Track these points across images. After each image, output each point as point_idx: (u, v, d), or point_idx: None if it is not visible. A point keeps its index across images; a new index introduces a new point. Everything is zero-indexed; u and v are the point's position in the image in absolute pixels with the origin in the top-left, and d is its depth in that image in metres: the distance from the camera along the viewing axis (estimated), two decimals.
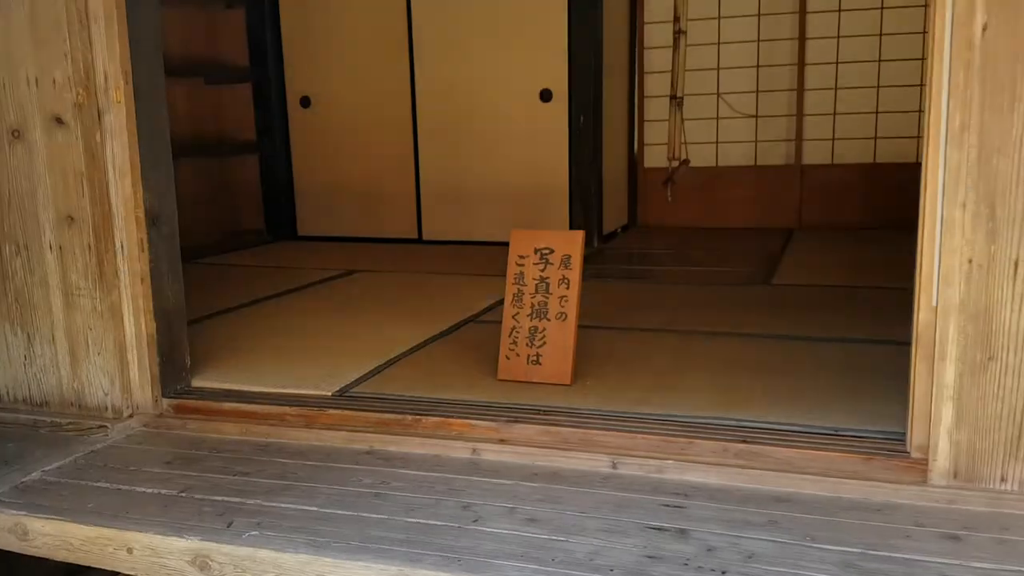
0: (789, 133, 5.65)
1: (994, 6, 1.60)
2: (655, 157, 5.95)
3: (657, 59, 5.80)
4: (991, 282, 1.68)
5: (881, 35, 5.34)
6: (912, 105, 5.36)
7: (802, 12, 5.45)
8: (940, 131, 1.71)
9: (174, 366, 2.46)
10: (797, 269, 4.11)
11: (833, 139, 5.59)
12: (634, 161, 5.92)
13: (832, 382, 2.40)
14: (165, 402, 2.40)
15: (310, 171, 5.76)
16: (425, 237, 5.50)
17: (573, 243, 2.48)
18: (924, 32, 5.20)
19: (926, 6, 1.66)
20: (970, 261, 1.69)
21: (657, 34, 5.78)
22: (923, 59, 5.24)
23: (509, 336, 2.51)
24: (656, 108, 5.88)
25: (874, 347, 2.74)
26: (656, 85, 5.84)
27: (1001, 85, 1.62)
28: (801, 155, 5.64)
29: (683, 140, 5.19)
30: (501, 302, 3.55)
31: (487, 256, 4.89)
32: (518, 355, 2.50)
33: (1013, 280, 1.66)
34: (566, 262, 2.47)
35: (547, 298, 2.48)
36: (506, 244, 2.58)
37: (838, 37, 5.43)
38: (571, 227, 5.14)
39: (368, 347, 2.92)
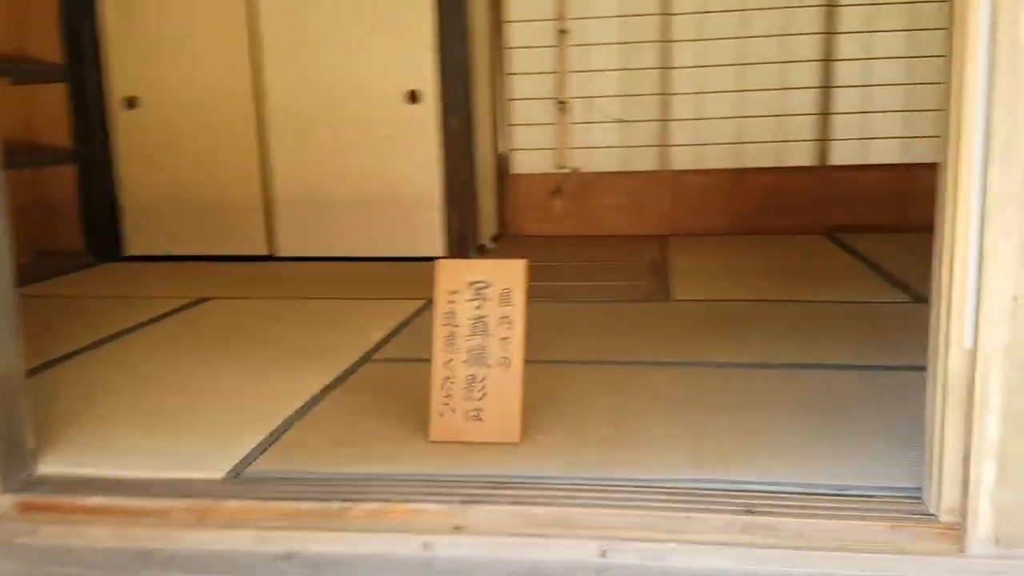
0: (657, 139, 5.54)
1: None
2: (523, 163, 5.69)
3: (521, 59, 5.54)
4: None
5: (745, 38, 5.32)
6: (776, 109, 5.38)
7: (666, 14, 5.35)
8: (975, 148, 1.50)
9: (14, 449, 1.90)
10: (691, 282, 3.95)
11: (700, 144, 5.53)
12: (502, 167, 5.62)
13: (810, 420, 2.18)
14: (5, 500, 1.84)
15: (138, 181, 5.06)
16: (279, 253, 4.95)
17: (514, 274, 2.12)
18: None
19: (951, 6, 1.43)
20: (1015, 298, 1.48)
21: (521, 33, 5.50)
22: (793, 62, 5.28)
23: (442, 388, 2.12)
24: (522, 111, 5.61)
25: (835, 374, 2.57)
26: (522, 87, 5.58)
27: None
28: (669, 161, 5.54)
29: (574, 147, 4.89)
30: (396, 332, 3.21)
31: (357, 274, 4.44)
32: (454, 410, 2.11)
33: None
34: (507, 297, 2.11)
35: (486, 340, 2.12)
36: (376, 259, 2.18)
37: (702, 39, 5.36)
38: (447, 238, 4.77)
39: (255, 402, 2.44)
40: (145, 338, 3.26)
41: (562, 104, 4.44)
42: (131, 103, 4.93)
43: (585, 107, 5.45)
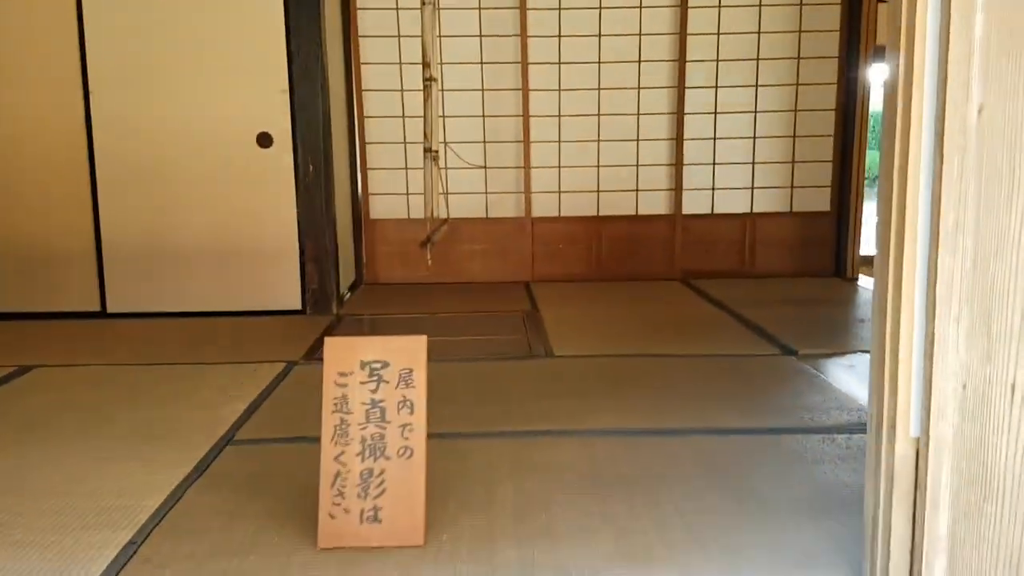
0: (518, 185, 5.47)
1: (992, 82, 1.36)
2: (380, 208, 5.46)
3: (376, 103, 5.33)
4: (988, 411, 1.43)
5: (599, 89, 5.36)
6: (630, 160, 5.45)
7: (524, 63, 5.31)
8: (920, 233, 1.44)
9: None
10: (568, 336, 3.85)
11: (559, 192, 5.50)
12: (358, 213, 5.37)
13: (728, 501, 2.08)
14: None
15: None
16: (111, 309, 4.47)
17: (413, 352, 1.90)
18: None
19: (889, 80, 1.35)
20: (964, 387, 1.43)
21: (375, 76, 5.31)
22: (640, 114, 5.36)
23: (332, 485, 1.86)
24: (378, 155, 5.40)
25: (733, 440, 2.49)
26: (377, 130, 5.37)
27: (999, 175, 1.38)
28: (531, 208, 5.47)
29: (443, 192, 4.69)
30: (258, 404, 2.88)
31: (204, 332, 4.06)
32: (347, 511, 1.86)
33: (1011, 407, 1.43)
34: (406, 378, 1.89)
35: (383, 429, 1.88)
36: (225, 314, 1.93)
37: (561, 89, 5.36)
38: (304, 291, 4.46)
39: (100, 502, 2.08)
40: None
41: (432, 152, 4.25)
42: None
43: (444, 153, 5.30)
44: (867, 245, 6.19)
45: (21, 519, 2.01)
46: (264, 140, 4.35)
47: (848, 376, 3.18)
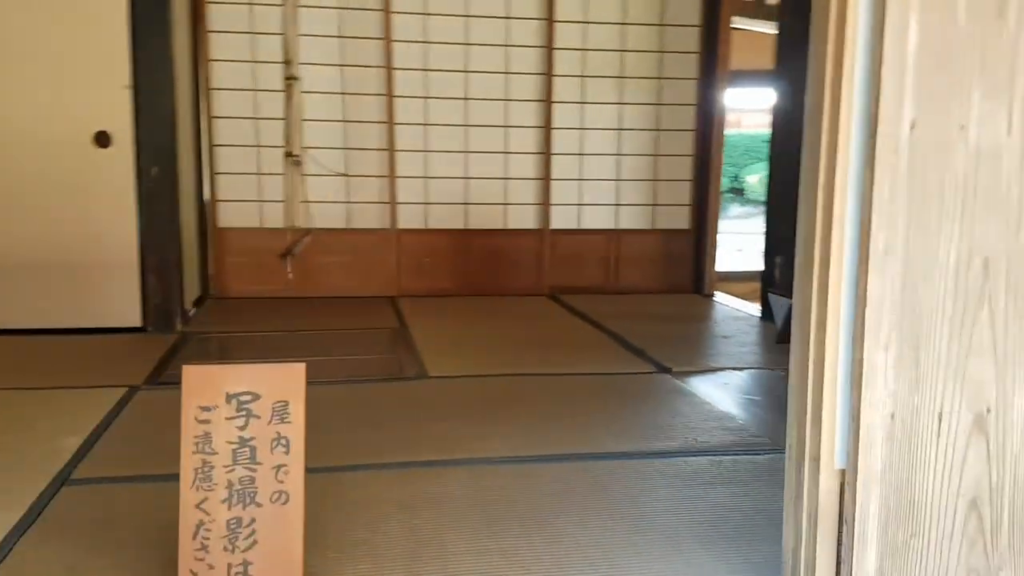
0: (382, 195, 5.25)
1: (924, 99, 1.31)
2: (230, 216, 5.10)
3: (226, 103, 4.98)
4: (915, 441, 1.38)
5: (466, 99, 5.24)
6: (499, 172, 5.35)
7: (389, 68, 5.11)
8: (847, 257, 1.38)
9: None
10: (442, 354, 3.67)
11: (426, 203, 5.33)
12: (204, 221, 4.99)
13: (631, 534, 1.97)
14: None
15: None
16: None
17: (290, 382, 1.68)
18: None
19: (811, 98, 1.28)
20: (892, 416, 1.37)
21: (225, 74, 4.96)
22: (508, 126, 5.28)
23: (194, 537, 1.61)
24: (228, 159, 5.04)
25: (623, 465, 2.39)
26: (227, 132, 5.02)
27: (928, 196, 1.33)
28: (396, 219, 5.27)
29: (305, 201, 4.40)
30: (97, 436, 2.53)
31: (33, 353, 3.61)
32: (211, 567, 1.61)
33: (937, 437, 1.38)
34: (281, 412, 1.67)
35: (254, 472, 1.65)
36: (55, 332, 1.69)
37: (428, 97, 5.19)
38: (144, 306, 4.06)
39: None
40: None
41: (294, 158, 3.97)
42: None
43: (304, 158, 5.00)
44: (721, 263, 6.37)
45: None
46: (102, 139, 3.94)
47: (723, 394, 3.17)
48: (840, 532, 1.42)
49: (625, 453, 2.50)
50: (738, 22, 5.87)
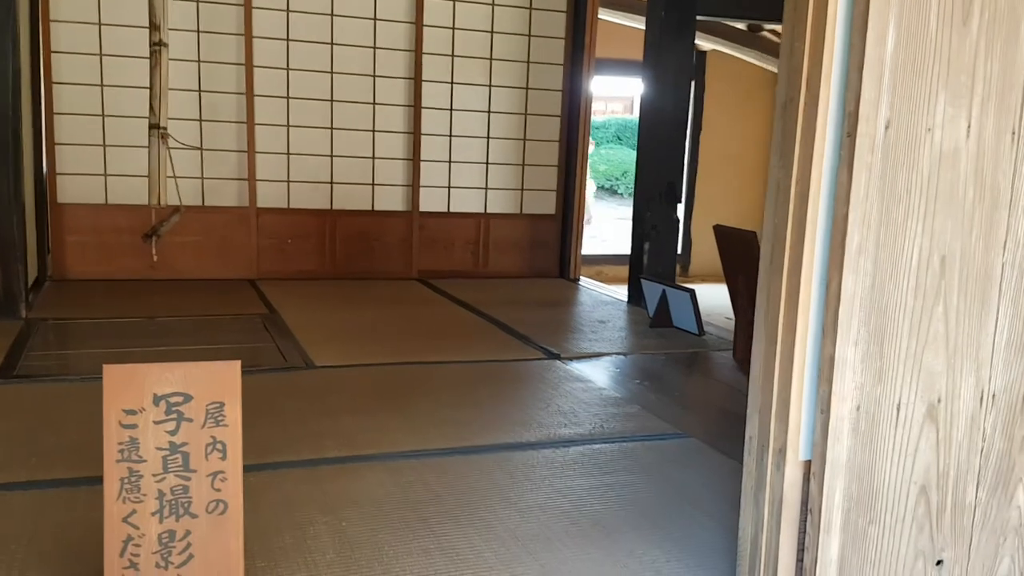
0: (241, 172, 4.96)
1: (899, 99, 1.35)
2: (71, 191, 4.66)
3: (67, 68, 4.55)
4: (876, 432, 1.44)
5: (332, 73, 5.04)
6: (367, 151, 5.19)
7: (248, 36, 4.83)
8: (818, 253, 1.41)
9: None
10: (323, 342, 3.52)
11: (288, 181, 5.09)
12: (42, 196, 4.53)
13: (565, 517, 1.95)
14: None
15: None
16: None
17: (224, 381, 1.54)
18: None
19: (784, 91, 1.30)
20: (858, 408, 1.42)
21: (66, 36, 4.53)
22: (376, 103, 5.13)
23: (122, 554, 1.44)
24: (69, 128, 4.61)
25: (540, 455, 2.37)
26: (68, 100, 4.58)
27: (898, 196, 1.38)
28: (255, 197, 5.00)
29: (171, 177, 4.06)
30: None
31: None
32: None
33: (895, 427, 1.45)
34: (215, 414, 1.52)
35: (187, 480, 1.50)
36: None
37: (287, 68, 4.95)
38: None
39: None
40: None
41: (161, 130, 3.66)
42: None
43: (132, 128, 4.61)
44: (600, 247, 6.52)
45: None
46: None
47: (613, 379, 3.22)
48: (803, 521, 1.46)
49: (539, 442, 2.48)
50: (602, 13, 5.98)
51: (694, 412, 2.96)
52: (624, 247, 4.94)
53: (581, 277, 5.65)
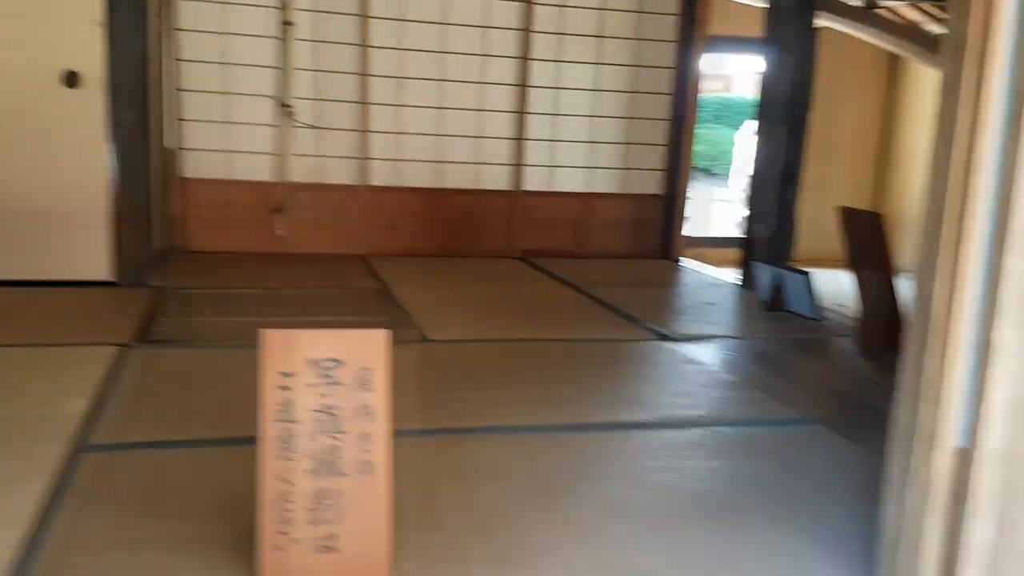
0: (354, 150, 5.07)
1: None
2: (195, 166, 4.85)
3: (192, 46, 4.72)
4: None
5: (443, 53, 5.10)
6: (473, 131, 5.23)
7: (364, 16, 4.92)
8: (981, 234, 1.36)
9: None
10: (434, 316, 3.58)
11: (398, 160, 5.18)
12: (169, 170, 4.73)
13: (698, 501, 1.95)
14: None
15: None
16: None
17: (373, 348, 1.59)
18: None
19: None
20: (1016, 394, 1.37)
21: (192, 14, 4.69)
22: (484, 83, 5.15)
23: (276, 510, 1.52)
24: (194, 105, 4.79)
25: (661, 435, 2.37)
26: (193, 78, 4.76)
27: None
28: (368, 175, 5.11)
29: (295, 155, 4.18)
30: (105, 400, 2.37)
31: None
32: (296, 540, 1.52)
33: None
34: (364, 380, 1.58)
35: (338, 441, 1.56)
36: (14, 284, 1.59)
37: (401, 48, 5.02)
38: (117, 258, 3.84)
39: None
40: None
41: (288, 108, 3.78)
42: None
43: (255, 105, 4.76)
44: (698, 229, 6.43)
45: None
46: (71, 79, 3.67)
47: (728, 362, 3.19)
48: (953, 508, 1.43)
49: (658, 422, 2.48)
50: None
51: (816, 398, 2.90)
52: (723, 230, 4.87)
53: (684, 258, 5.58)
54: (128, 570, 1.53)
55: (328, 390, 1.56)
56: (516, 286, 4.46)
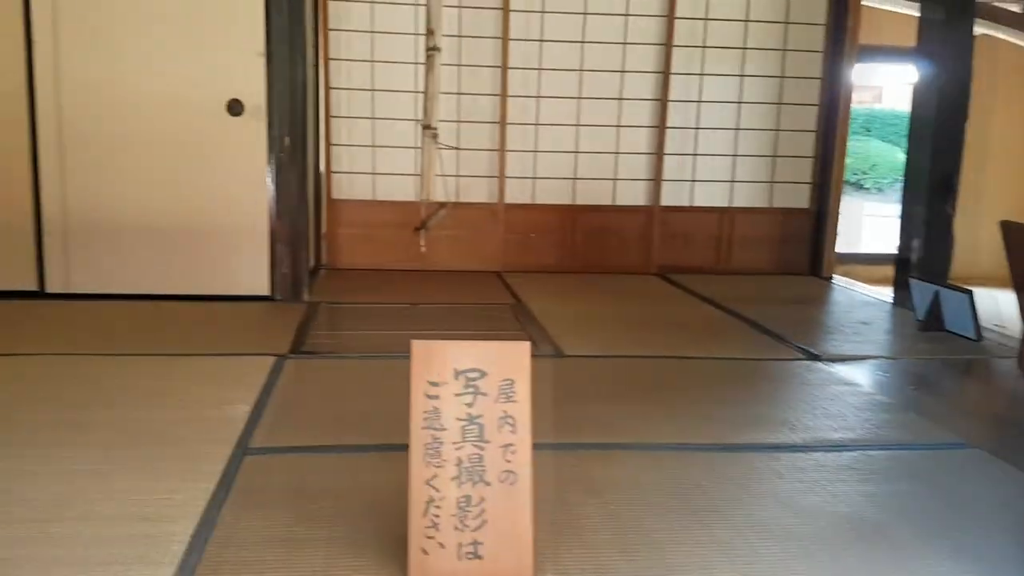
0: (491, 169, 5.17)
1: None
2: (343, 188, 5.08)
3: (346, 72, 4.95)
4: None
5: (581, 71, 5.13)
6: (610, 147, 5.23)
7: (505, 39, 5.02)
8: None
9: None
10: (569, 332, 3.60)
11: (534, 177, 5.23)
12: (319, 192, 4.97)
13: (851, 528, 1.87)
14: None
15: None
16: (52, 289, 3.97)
17: (515, 360, 1.62)
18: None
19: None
20: None
21: (344, 44, 4.92)
22: (622, 99, 5.14)
23: (425, 514, 1.56)
24: (343, 130, 5.02)
25: (810, 458, 2.29)
26: (343, 104, 4.99)
27: None
28: (504, 193, 5.19)
29: (438, 175, 4.33)
30: (263, 406, 2.51)
31: (164, 318, 3.65)
32: (442, 545, 1.56)
33: None
34: (507, 390, 1.60)
35: (482, 449, 1.59)
36: (181, 298, 1.64)
37: (538, 68, 5.09)
38: (274, 274, 4.06)
39: (121, 532, 1.71)
40: None
41: (431, 131, 3.92)
42: None
43: (399, 129, 4.94)
44: (845, 245, 6.17)
45: (25, 551, 1.62)
46: (234, 107, 3.93)
47: (882, 384, 3.03)
48: None
49: (807, 444, 2.39)
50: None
51: (976, 421, 2.72)
52: (874, 245, 4.63)
53: (834, 275, 5.37)
54: (284, 566, 1.61)
55: (473, 400, 1.59)
56: (654, 302, 4.41)
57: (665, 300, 4.51)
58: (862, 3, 5.23)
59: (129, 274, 3.96)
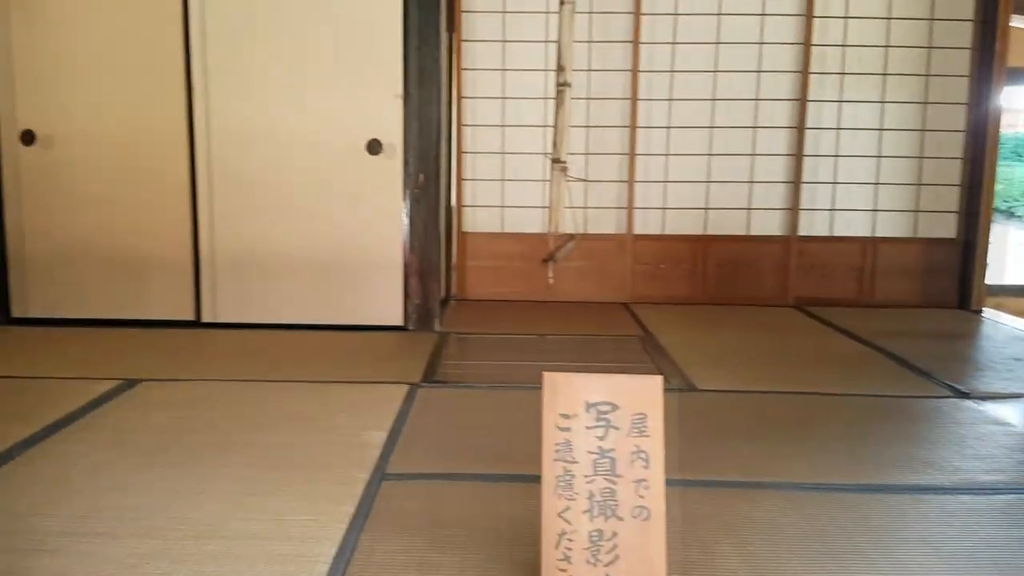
0: (619, 201, 5.17)
1: None
2: (472, 220, 5.20)
3: (477, 109, 5.09)
4: None
5: (714, 100, 5.08)
6: (743, 176, 5.14)
7: (635, 71, 5.03)
8: None
9: None
10: (700, 365, 3.54)
11: (664, 208, 5.20)
12: (449, 225, 5.11)
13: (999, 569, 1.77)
14: None
15: (34, 230, 4.25)
16: (206, 319, 4.24)
17: (647, 394, 1.61)
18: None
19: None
20: None
21: (475, 83, 5.07)
22: (757, 127, 5.05)
23: (557, 547, 1.58)
24: (473, 165, 5.15)
25: (965, 499, 2.17)
26: (473, 140, 5.12)
27: None
28: (632, 224, 5.18)
29: (567, 208, 4.40)
30: (397, 432, 2.60)
31: (305, 347, 3.81)
32: None
33: None
34: (639, 425, 1.60)
35: (614, 484, 1.59)
36: (318, 327, 1.67)
37: (671, 99, 5.07)
38: (407, 305, 4.20)
39: (270, 551, 1.80)
40: (64, 444, 2.52)
41: (561, 164, 3.98)
42: (28, 137, 4.14)
43: (528, 163, 5.02)
44: (993, 275, 5.82)
45: (184, 567, 1.74)
46: (373, 147, 4.11)
47: None
48: None
49: (956, 487, 2.26)
50: (1014, 20, 5.34)
51: None
52: None
53: (984, 308, 5.06)
54: None
55: (604, 433, 1.60)
56: (790, 336, 4.28)
57: (803, 333, 4.37)
58: (1011, 24, 4.96)
59: (271, 305, 4.19)
